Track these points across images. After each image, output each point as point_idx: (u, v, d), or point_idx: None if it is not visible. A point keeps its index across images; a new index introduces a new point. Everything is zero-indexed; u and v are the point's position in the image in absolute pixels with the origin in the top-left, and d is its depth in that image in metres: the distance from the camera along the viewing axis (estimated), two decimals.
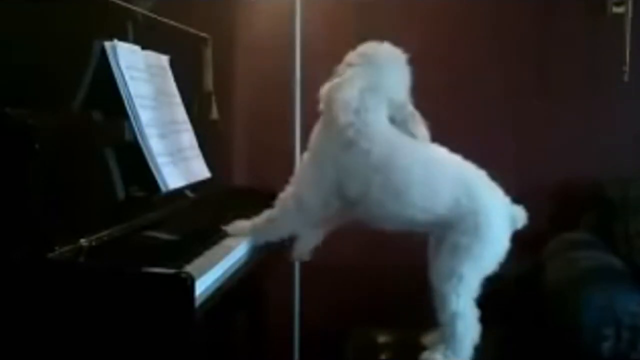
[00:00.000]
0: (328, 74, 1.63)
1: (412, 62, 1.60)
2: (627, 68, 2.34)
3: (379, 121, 1.52)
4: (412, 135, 1.55)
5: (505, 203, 1.59)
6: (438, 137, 1.59)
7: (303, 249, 1.67)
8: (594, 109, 2.45)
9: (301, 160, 1.60)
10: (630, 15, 2.34)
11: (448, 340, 1.55)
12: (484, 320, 1.59)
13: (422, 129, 1.57)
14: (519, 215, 1.60)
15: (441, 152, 1.58)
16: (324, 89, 1.51)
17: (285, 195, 1.56)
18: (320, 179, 1.52)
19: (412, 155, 1.53)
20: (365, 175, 1.49)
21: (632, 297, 1.83)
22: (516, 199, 1.65)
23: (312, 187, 1.53)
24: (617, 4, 2.36)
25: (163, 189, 1.49)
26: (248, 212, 1.62)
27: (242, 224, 1.60)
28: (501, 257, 1.57)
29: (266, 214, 1.58)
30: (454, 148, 1.59)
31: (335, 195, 1.53)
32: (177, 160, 1.60)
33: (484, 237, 1.51)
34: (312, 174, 1.54)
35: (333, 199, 1.53)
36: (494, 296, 2.22)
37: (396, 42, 1.62)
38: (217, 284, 1.28)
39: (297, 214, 1.54)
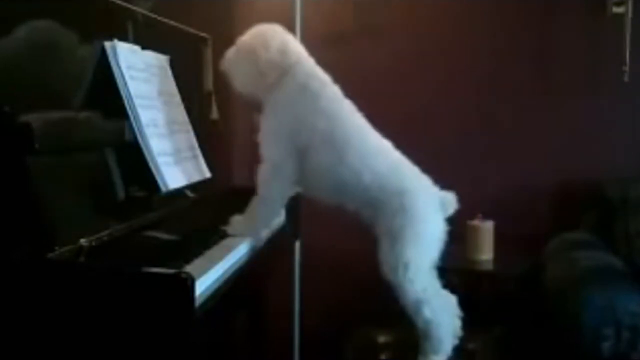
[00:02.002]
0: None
1: (413, 64, 1.60)
2: (627, 68, 2.35)
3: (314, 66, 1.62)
4: None
5: (431, 187, 1.62)
6: (437, 135, 1.59)
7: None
8: (594, 109, 2.46)
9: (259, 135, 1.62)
10: (630, 15, 2.34)
11: (424, 333, 1.55)
12: (484, 320, 1.59)
13: None
14: (450, 201, 1.62)
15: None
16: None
17: (259, 173, 1.58)
18: (278, 130, 1.57)
19: (352, 126, 1.59)
20: (312, 119, 1.55)
21: (632, 297, 1.83)
22: (516, 199, 1.65)
23: (275, 143, 1.57)
24: (617, 4, 2.36)
25: (163, 189, 1.49)
26: None
27: (240, 224, 1.59)
28: (440, 239, 1.59)
29: (253, 201, 1.59)
30: (453, 147, 1.59)
31: (293, 145, 1.56)
32: (177, 160, 1.60)
33: (413, 217, 1.54)
34: (272, 130, 1.58)
35: (293, 150, 1.56)
36: (494, 296, 2.23)
37: (396, 42, 1.62)
38: (217, 284, 1.28)
39: (277, 177, 1.57)
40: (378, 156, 1.58)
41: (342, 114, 1.59)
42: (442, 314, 1.55)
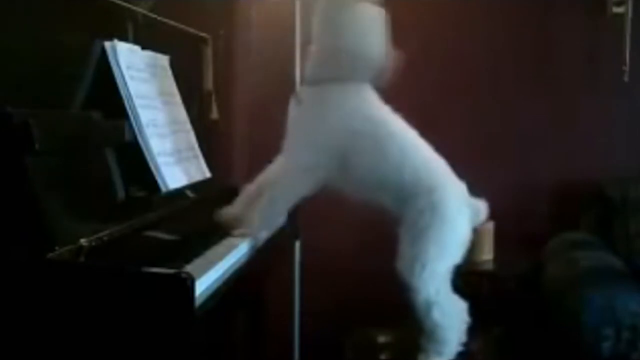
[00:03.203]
0: None
1: (412, 63, 1.60)
2: (627, 68, 2.35)
3: None
4: None
5: (463, 190, 1.60)
6: (437, 135, 1.59)
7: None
8: (593, 108, 2.46)
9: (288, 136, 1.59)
10: (630, 15, 2.34)
11: (430, 335, 1.54)
12: (484, 320, 1.59)
13: None
14: (481, 209, 1.62)
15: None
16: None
17: (280, 171, 1.55)
18: (315, 138, 1.54)
19: (393, 123, 1.59)
20: (355, 119, 1.54)
21: (632, 297, 1.83)
22: (516, 199, 1.65)
23: (308, 147, 1.54)
24: (617, 4, 2.36)
25: (163, 189, 1.49)
26: None
27: (244, 223, 1.58)
28: (463, 244, 1.57)
29: (263, 200, 1.56)
30: (453, 147, 1.59)
31: (328, 151, 1.54)
32: (177, 160, 1.60)
33: (441, 217, 1.52)
34: (311, 131, 1.55)
35: (333, 151, 1.54)
36: (494, 296, 2.23)
37: (395, 42, 1.62)
38: (217, 284, 1.28)
39: (304, 175, 1.54)
40: (417, 152, 1.57)
41: (382, 112, 1.58)
42: (451, 318, 1.54)
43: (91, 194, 1.31)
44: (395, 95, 2.53)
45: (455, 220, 1.55)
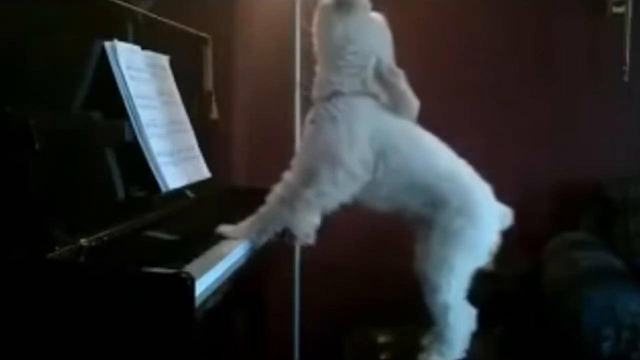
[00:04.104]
0: None
1: (411, 64, 1.60)
2: (627, 68, 2.35)
3: None
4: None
5: (491, 195, 1.59)
6: (437, 135, 1.60)
7: (308, 230, 1.58)
8: (594, 108, 2.45)
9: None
10: (630, 15, 2.34)
11: (439, 335, 1.54)
12: (484, 320, 1.59)
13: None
14: (506, 215, 1.61)
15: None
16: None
17: (323, 177, 1.49)
18: (355, 142, 1.49)
19: (416, 127, 1.59)
20: (388, 121, 1.53)
21: (632, 297, 1.83)
22: (516, 199, 1.65)
23: (351, 152, 1.48)
24: (617, 4, 2.36)
25: (163, 189, 1.49)
26: (248, 212, 1.62)
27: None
28: (491, 249, 1.56)
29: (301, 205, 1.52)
30: (455, 148, 1.59)
31: (370, 153, 1.50)
32: (177, 160, 1.60)
33: (473, 220, 1.51)
34: (347, 141, 1.49)
35: (369, 156, 1.51)
36: (494, 296, 2.23)
37: (394, 41, 1.62)
38: (217, 284, 1.28)
39: (351, 183, 1.49)
40: (445, 154, 1.57)
41: (413, 128, 1.58)
42: (462, 322, 1.55)
43: (91, 194, 1.31)
44: None
45: (488, 224, 1.55)
